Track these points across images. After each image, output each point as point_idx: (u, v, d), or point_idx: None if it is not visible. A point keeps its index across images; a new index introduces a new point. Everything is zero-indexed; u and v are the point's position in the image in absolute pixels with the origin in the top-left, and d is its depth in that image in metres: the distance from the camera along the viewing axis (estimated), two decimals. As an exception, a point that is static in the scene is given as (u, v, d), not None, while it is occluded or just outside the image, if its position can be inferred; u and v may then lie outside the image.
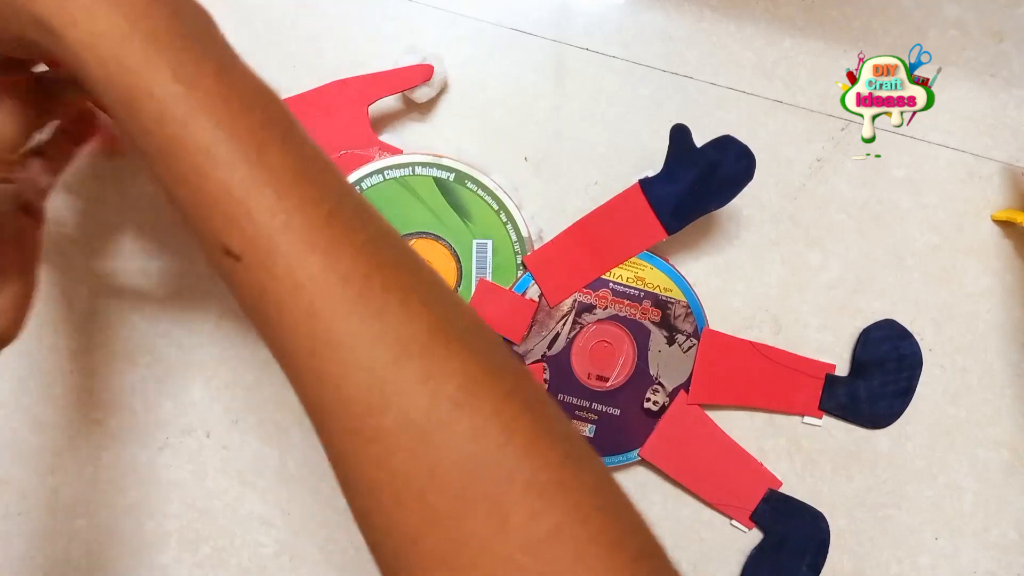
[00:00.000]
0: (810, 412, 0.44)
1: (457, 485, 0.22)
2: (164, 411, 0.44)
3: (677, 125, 0.41)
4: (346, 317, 0.23)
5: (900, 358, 0.44)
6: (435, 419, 0.22)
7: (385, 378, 0.22)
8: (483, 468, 0.22)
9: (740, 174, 0.41)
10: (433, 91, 0.43)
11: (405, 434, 0.22)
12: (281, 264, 0.23)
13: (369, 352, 0.22)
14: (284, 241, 0.23)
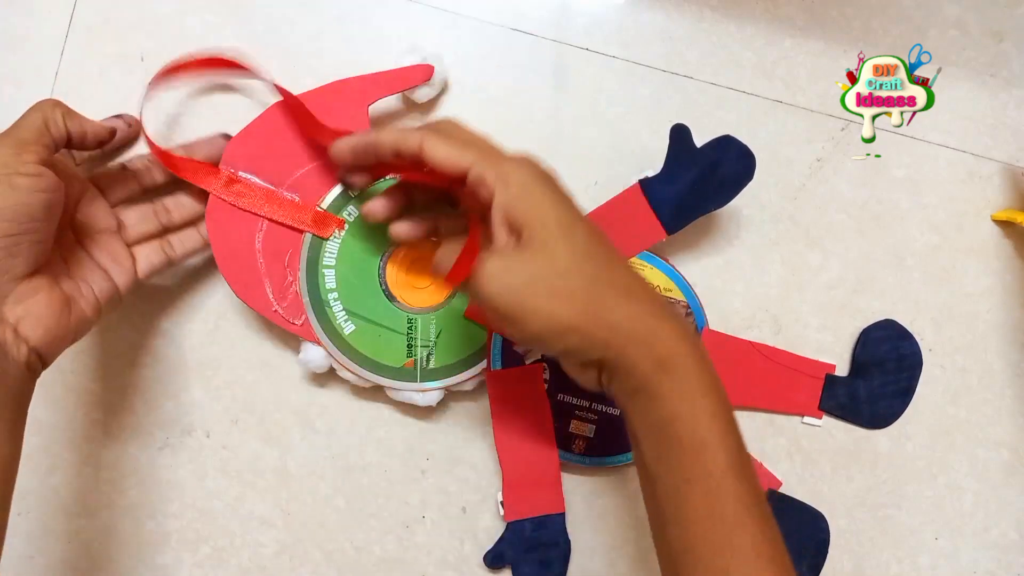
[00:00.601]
0: (810, 412, 0.44)
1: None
2: (164, 411, 0.44)
3: (677, 125, 0.41)
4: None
5: (900, 358, 0.44)
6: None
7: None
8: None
9: (740, 174, 0.41)
10: (434, 91, 0.43)
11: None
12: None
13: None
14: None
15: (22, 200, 0.31)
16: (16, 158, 0.31)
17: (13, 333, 0.31)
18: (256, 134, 0.41)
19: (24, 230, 0.31)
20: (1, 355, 0.30)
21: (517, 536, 0.43)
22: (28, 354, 0.32)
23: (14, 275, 0.31)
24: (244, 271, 0.40)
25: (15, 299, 0.31)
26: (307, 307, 0.41)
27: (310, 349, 0.41)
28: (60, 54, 0.45)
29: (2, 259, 0.30)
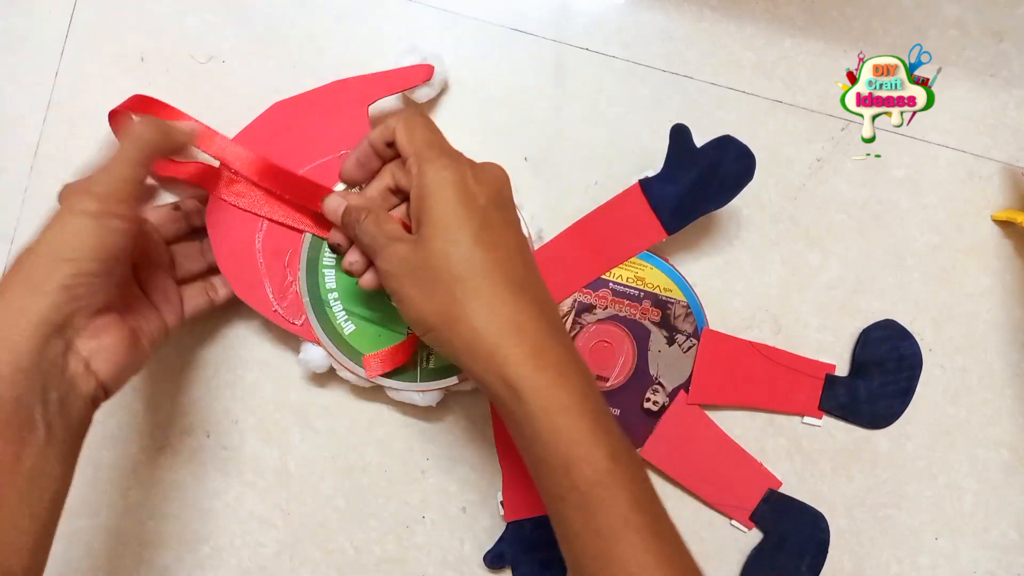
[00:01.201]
0: (810, 412, 0.44)
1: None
2: (164, 411, 0.44)
3: (677, 125, 0.41)
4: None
5: (900, 358, 0.44)
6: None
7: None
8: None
9: (740, 174, 0.41)
10: (434, 91, 0.43)
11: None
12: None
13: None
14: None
15: (111, 242, 0.31)
16: (110, 201, 0.32)
17: (85, 367, 0.32)
18: (256, 134, 0.41)
19: (106, 270, 0.32)
20: (70, 388, 0.31)
21: (517, 536, 0.43)
22: (96, 388, 0.32)
23: (91, 311, 0.32)
24: (244, 271, 0.40)
25: (90, 334, 0.32)
26: (307, 307, 0.41)
27: (310, 349, 0.41)
28: (60, 54, 0.45)
29: (83, 296, 0.31)
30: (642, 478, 0.32)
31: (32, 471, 0.29)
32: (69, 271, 0.30)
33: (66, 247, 0.30)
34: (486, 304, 0.31)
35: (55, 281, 0.30)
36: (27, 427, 0.29)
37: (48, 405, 0.30)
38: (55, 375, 0.31)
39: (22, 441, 0.29)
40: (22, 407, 0.29)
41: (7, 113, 0.45)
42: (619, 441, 0.31)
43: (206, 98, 0.44)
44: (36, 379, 0.30)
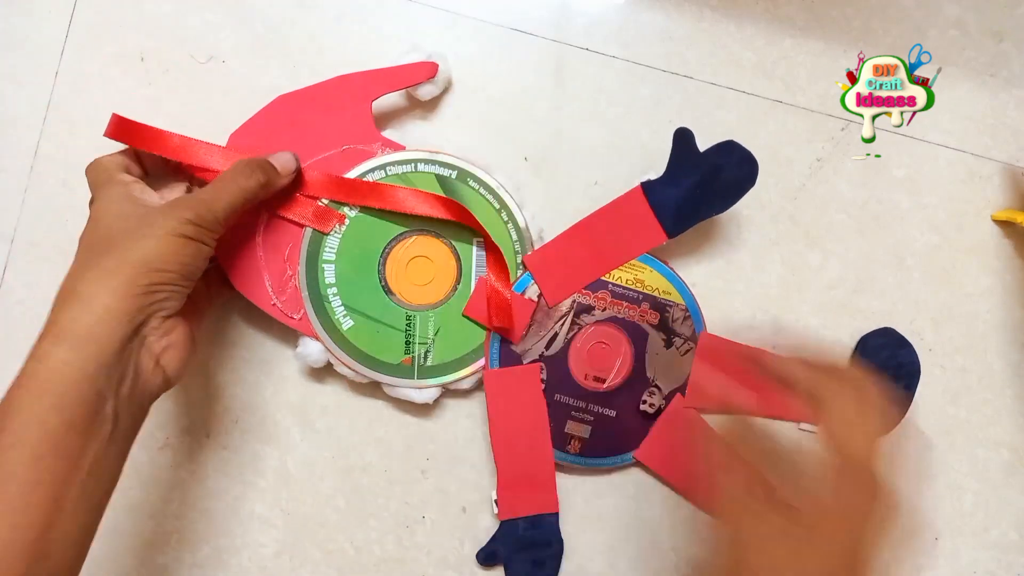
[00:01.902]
0: (806, 419, 0.44)
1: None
2: (164, 411, 0.44)
3: (681, 129, 0.41)
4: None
5: (898, 366, 0.44)
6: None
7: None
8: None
9: (743, 179, 0.41)
10: (437, 89, 0.43)
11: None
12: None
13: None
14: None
15: (197, 263, 0.35)
16: (204, 230, 0.35)
17: (155, 363, 0.34)
18: (258, 127, 0.40)
19: (187, 284, 0.35)
20: (140, 382, 0.33)
21: (510, 535, 0.43)
22: (162, 383, 0.35)
23: (166, 314, 0.34)
24: (244, 264, 0.40)
25: (161, 333, 0.34)
26: (306, 302, 0.41)
27: (308, 343, 0.41)
28: (60, 54, 0.45)
29: (163, 300, 0.33)
30: None
31: (93, 465, 0.31)
32: (157, 279, 0.33)
33: (159, 259, 0.33)
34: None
35: (142, 286, 0.32)
36: (98, 421, 0.31)
37: (120, 399, 0.32)
38: (129, 371, 0.33)
39: (90, 434, 0.31)
40: (99, 401, 0.31)
41: (7, 113, 0.45)
42: None
43: (206, 98, 0.45)
44: (114, 375, 0.32)
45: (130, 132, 0.38)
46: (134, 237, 0.33)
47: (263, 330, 0.44)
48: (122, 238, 0.33)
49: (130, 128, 0.38)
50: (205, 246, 0.35)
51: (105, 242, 0.34)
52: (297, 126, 0.41)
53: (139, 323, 0.33)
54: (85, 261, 0.33)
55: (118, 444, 0.32)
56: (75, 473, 0.30)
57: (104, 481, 0.32)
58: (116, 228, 0.34)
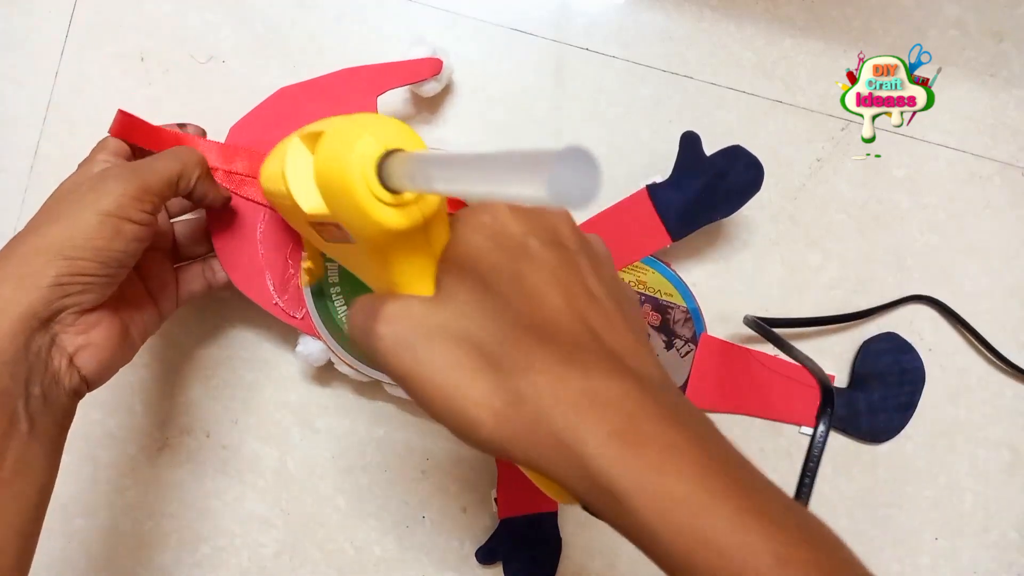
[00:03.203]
0: (807, 422, 0.44)
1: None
2: (163, 411, 0.44)
3: (687, 132, 0.41)
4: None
5: (902, 372, 0.44)
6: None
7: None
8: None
9: (748, 184, 0.41)
10: (440, 86, 0.43)
11: None
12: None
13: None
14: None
15: (120, 247, 0.31)
16: (133, 203, 0.31)
17: (68, 362, 0.31)
18: (260, 120, 0.40)
19: (108, 273, 0.31)
20: (53, 382, 0.31)
21: (509, 533, 0.43)
22: (79, 383, 0.32)
23: (82, 308, 0.31)
24: (244, 262, 0.40)
25: (77, 330, 0.31)
26: (308, 301, 0.40)
27: (308, 342, 0.41)
28: (60, 54, 0.45)
29: (75, 293, 0.30)
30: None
31: (16, 464, 0.29)
32: (66, 269, 0.29)
33: (68, 244, 0.29)
34: (542, 375, 0.21)
35: (49, 276, 0.29)
36: (10, 420, 0.29)
37: (31, 399, 0.29)
38: (39, 369, 0.30)
39: (5, 435, 0.28)
40: (5, 401, 0.28)
41: (7, 113, 0.45)
42: (785, 526, 0.20)
43: (206, 98, 0.44)
44: (19, 373, 0.29)
45: (134, 129, 0.38)
46: (51, 218, 0.30)
47: (263, 330, 0.44)
48: (43, 220, 0.31)
49: (134, 125, 0.38)
50: (130, 224, 0.31)
51: (32, 224, 0.31)
52: (300, 120, 0.39)
53: (45, 318, 0.30)
54: (7, 245, 0.30)
55: (42, 443, 0.30)
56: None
57: (34, 482, 0.30)
58: (47, 208, 0.31)
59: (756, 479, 0.21)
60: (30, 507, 0.30)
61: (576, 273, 0.24)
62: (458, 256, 0.24)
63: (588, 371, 0.21)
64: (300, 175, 0.26)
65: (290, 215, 0.30)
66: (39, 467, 0.30)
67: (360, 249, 0.25)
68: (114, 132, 0.37)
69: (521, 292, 0.22)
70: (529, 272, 0.23)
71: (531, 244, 0.23)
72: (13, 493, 0.29)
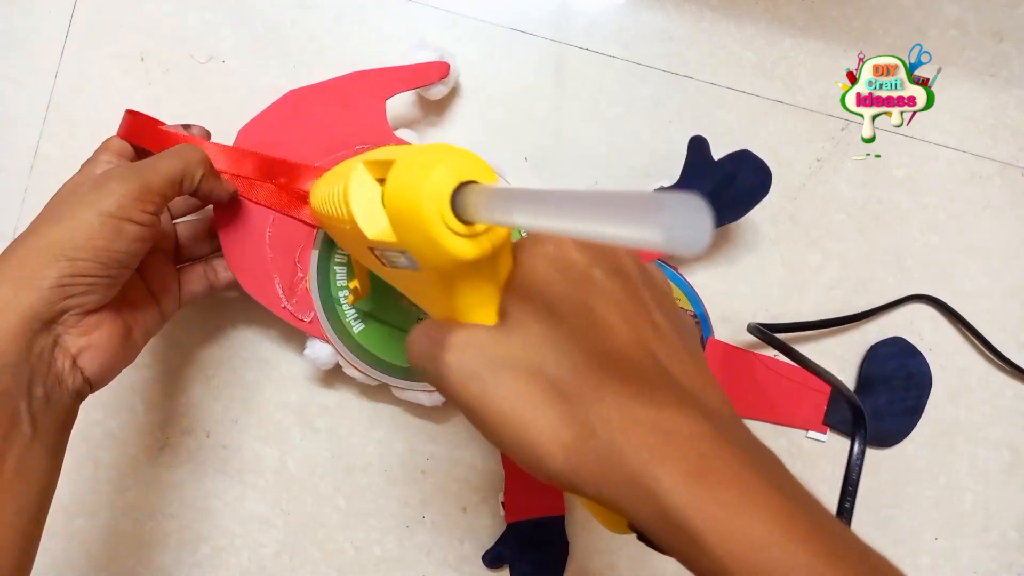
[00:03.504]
0: (814, 427, 0.44)
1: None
2: (164, 411, 0.44)
3: (695, 137, 0.41)
4: None
5: (908, 376, 0.44)
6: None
7: None
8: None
9: (756, 189, 0.41)
10: (446, 89, 0.43)
11: None
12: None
13: None
14: None
15: (122, 248, 0.31)
16: (135, 203, 0.31)
17: (71, 363, 0.31)
18: (268, 123, 0.40)
19: (110, 274, 0.31)
20: (56, 383, 0.31)
21: (517, 537, 0.43)
22: (82, 384, 0.32)
23: (85, 310, 0.31)
24: (253, 265, 0.40)
25: (80, 331, 0.31)
26: (317, 305, 0.40)
27: (317, 346, 0.41)
28: (60, 54, 0.45)
29: (78, 294, 0.30)
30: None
31: (18, 466, 0.29)
32: (68, 270, 0.29)
33: (70, 244, 0.29)
34: (613, 409, 0.21)
35: (50, 278, 0.29)
36: (12, 422, 0.29)
37: (33, 400, 0.29)
38: (41, 370, 0.30)
39: (7, 436, 0.28)
40: (7, 402, 0.28)
41: (7, 113, 0.45)
42: (860, 572, 0.19)
43: (206, 98, 0.44)
44: (22, 374, 0.29)
45: (142, 129, 0.38)
46: (52, 219, 0.30)
47: (263, 330, 0.44)
48: (45, 220, 0.31)
49: (142, 124, 0.38)
50: (132, 224, 0.31)
51: (34, 225, 0.31)
52: (308, 123, 0.40)
53: (48, 320, 0.30)
54: (8, 247, 0.30)
55: (44, 444, 0.30)
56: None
57: (35, 484, 0.30)
58: (49, 209, 0.31)
59: (828, 520, 0.21)
60: (32, 508, 0.30)
61: (641, 304, 0.24)
62: (524, 285, 0.23)
63: (659, 406, 0.21)
64: (364, 201, 0.26)
65: (346, 238, 0.30)
66: (41, 469, 0.30)
67: (425, 276, 0.25)
68: (122, 133, 0.37)
69: (588, 324, 0.22)
70: (595, 303, 0.23)
71: (595, 274, 0.23)
72: (15, 494, 0.29)
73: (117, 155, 0.36)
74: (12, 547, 0.29)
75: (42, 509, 0.31)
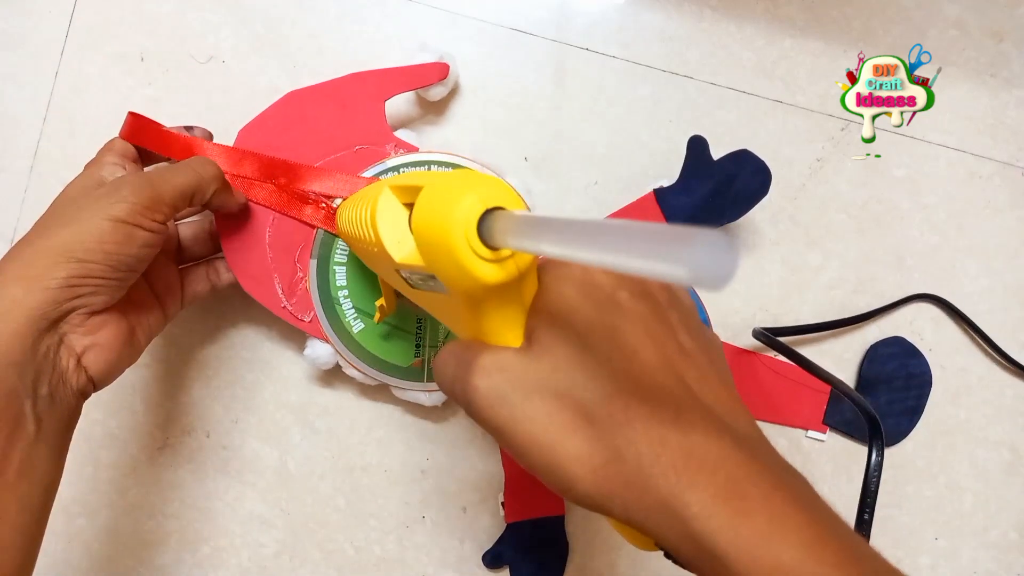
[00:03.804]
0: (814, 427, 0.44)
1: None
2: (164, 411, 0.44)
3: (695, 137, 0.41)
4: None
5: (908, 376, 0.44)
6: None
7: None
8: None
9: (756, 189, 0.41)
10: (446, 90, 0.43)
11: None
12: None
13: None
14: None
15: (132, 252, 0.31)
16: (146, 211, 0.31)
17: (76, 362, 0.31)
18: (268, 124, 0.40)
19: (118, 277, 0.31)
20: (60, 382, 0.31)
21: (516, 537, 0.43)
22: (86, 383, 0.32)
23: (91, 310, 0.31)
24: (253, 265, 0.40)
25: (85, 331, 0.31)
26: (316, 304, 0.40)
27: (317, 346, 0.41)
28: (60, 54, 0.45)
29: (86, 295, 0.31)
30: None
31: (22, 465, 0.29)
32: (76, 271, 0.30)
33: (80, 246, 0.30)
34: (642, 433, 0.21)
35: (58, 278, 0.30)
36: (17, 421, 0.29)
37: (38, 399, 0.30)
38: (46, 369, 0.30)
39: (12, 435, 0.29)
40: (12, 401, 0.29)
41: (7, 113, 0.45)
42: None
43: (206, 98, 0.44)
44: (28, 373, 0.29)
45: (144, 131, 0.38)
46: (62, 221, 0.31)
47: (263, 330, 0.44)
48: (53, 222, 0.31)
49: (144, 127, 0.38)
50: (142, 231, 0.31)
51: (40, 226, 0.31)
52: (308, 124, 0.40)
53: (54, 319, 0.30)
54: (15, 247, 0.31)
55: (48, 444, 0.30)
56: (2, 476, 0.28)
57: (39, 484, 0.30)
58: (56, 210, 0.32)
59: (857, 542, 0.21)
60: (36, 508, 0.30)
61: (668, 326, 0.24)
62: (550, 308, 0.23)
63: (687, 429, 0.21)
64: (391, 225, 0.27)
65: (373, 259, 0.31)
66: (44, 468, 0.30)
67: (451, 298, 0.25)
68: (124, 135, 0.37)
69: (616, 347, 0.22)
70: (622, 326, 0.23)
71: (622, 297, 0.23)
72: (19, 494, 0.29)
73: (121, 156, 0.36)
74: (16, 546, 0.29)
75: (45, 508, 0.31)
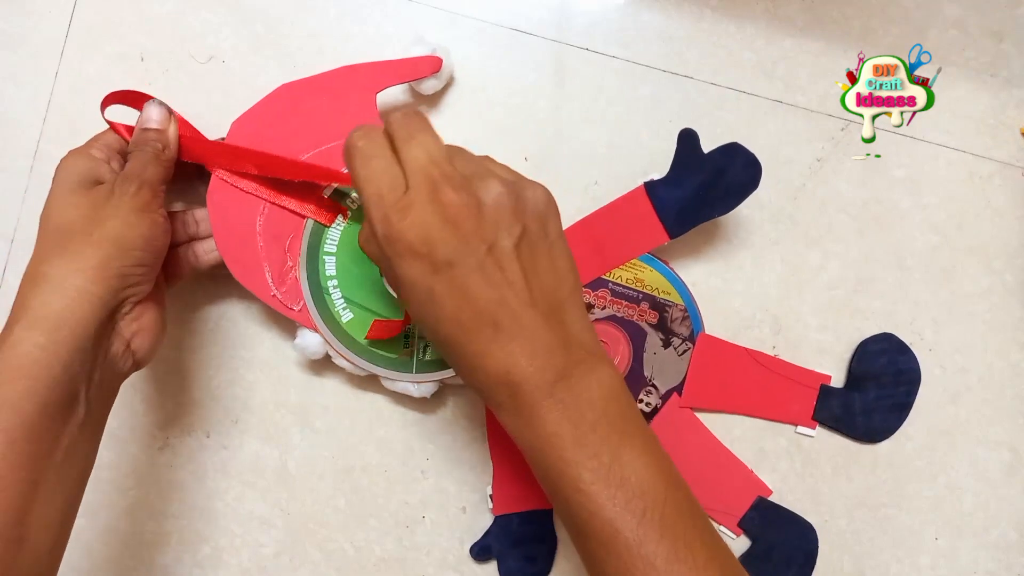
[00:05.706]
0: (803, 422, 0.44)
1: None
2: (164, 411, 0.44)
3: (685, 130, 0.41)
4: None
5: (898, 372, 0.44)
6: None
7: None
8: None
9: (746, 182, 0.41)
10: (440, 84, 0.43)
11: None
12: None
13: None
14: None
15: (160, 236, 0.35)
16: (154, 200, 0.35)
17: (125, 347, 0.34)
18: (261, 116, 0.40)
19: (156, 262, 0.35)
20: (110, 368, 0.33)
21: (504, 530, 0.43)
22: (131, 367, 0.35)
23: (139, 298, 0.34)
24: (244, 254, 0.40)
25: (133, 317, 0.34)
26: (306, 293, 0.41)
27: (306, 335, 0.41)
28: (60, 54, 0.45)
29: (135, 284, 0.34)
30: (684, 517, 0.29)
31: (68, 448, 0.31)
32: (129, 261, 0.33)
33: (125, 238, 0.33)
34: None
35: (116, 268, 0.32)
36: (72, 406, 0.31)
37: (91, 385, 0.32)
38: (100, 356, 0.32)
39: (66, 419, 0.30)
40: (73, 386, 0.31)
41: (7, 113, 0.45)
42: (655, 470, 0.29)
43: (206, 98, 0.45)
44: (88, 360, 0.31)
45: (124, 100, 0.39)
46: (99, 217, 0.33)
47: (263, 330, 0.44)
48: (85, 218, 0.33)
49: (124, 100, 0.39)
50: (162, 219, 0.35)
51: (67, 223, 0.33)
52: (300, 115, 0.40)
53: (113, 308, 0.33)
54: (49, 242, 0.33)
55: (91, 428, 0.32)
56: (50, 458, 0.30)
57: (79, 466, 0.32)
58: (77, 206, 0.33)
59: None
60: (74, 490, 0.32)
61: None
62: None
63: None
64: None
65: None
66: (85, 452, 0.32)
67: None
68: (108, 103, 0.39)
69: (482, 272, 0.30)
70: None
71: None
72: (62, 477, 0.31)
73: (106, 147, 0.37)
74: (57, 524, 0.31)
75: (81, 491, 0.33)
